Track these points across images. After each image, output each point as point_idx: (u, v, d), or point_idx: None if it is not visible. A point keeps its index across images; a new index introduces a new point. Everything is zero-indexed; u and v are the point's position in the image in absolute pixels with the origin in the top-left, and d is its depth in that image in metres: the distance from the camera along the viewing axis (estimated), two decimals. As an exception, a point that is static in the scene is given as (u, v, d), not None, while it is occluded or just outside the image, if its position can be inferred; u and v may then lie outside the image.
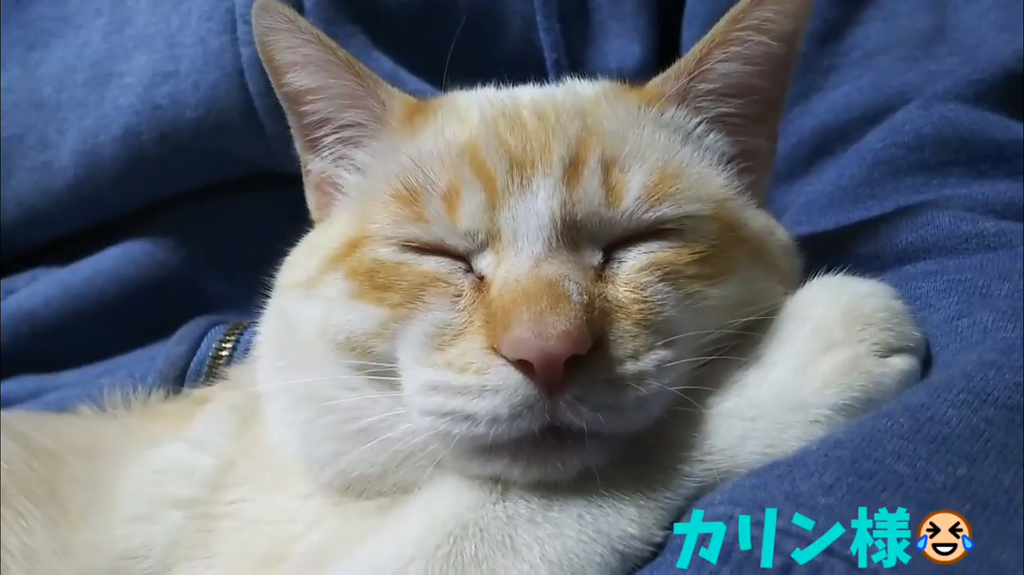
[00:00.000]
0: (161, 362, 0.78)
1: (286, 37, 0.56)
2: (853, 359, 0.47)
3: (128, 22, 0.87)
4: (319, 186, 0.61)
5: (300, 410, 0.53)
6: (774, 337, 0.49)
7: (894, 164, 0.69)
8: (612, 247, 0.49)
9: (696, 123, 0.55)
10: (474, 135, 0.51)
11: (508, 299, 0.44)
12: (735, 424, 0.46)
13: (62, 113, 0.88)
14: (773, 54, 0.55)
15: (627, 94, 0.56)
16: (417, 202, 0.50)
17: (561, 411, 0.43)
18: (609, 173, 0.49)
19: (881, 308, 0.49)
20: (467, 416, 0.44)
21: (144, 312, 0.88)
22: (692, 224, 0.49)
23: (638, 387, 0.44)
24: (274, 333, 0.58)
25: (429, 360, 0.46)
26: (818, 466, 0.40)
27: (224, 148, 0.84)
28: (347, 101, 0.57)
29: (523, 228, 0.47)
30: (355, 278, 0.50)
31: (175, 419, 0.66)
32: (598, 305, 0.45)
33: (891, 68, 0.78)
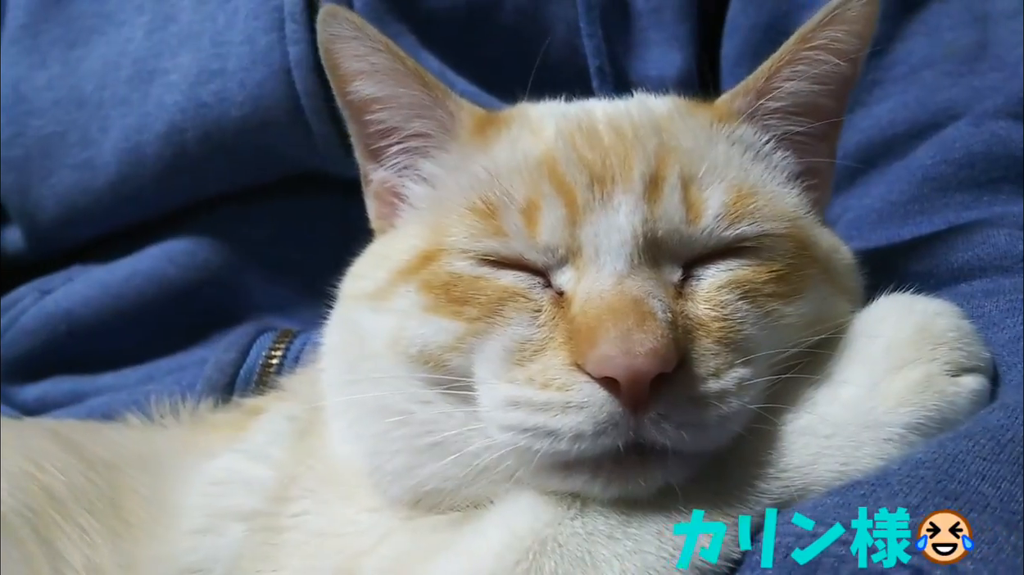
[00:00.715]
0: (210, 369, 0.78)
1: (354, 45, 0.56)
2: (926, 378, 0.47)
3: (172, 20, 0.87)
4: (380, 196, 0.61)
5: (371, 423, 0.53)
6: (844, 355, 0.50)
7: (944, 180, 0.69)
8: (690, 264, 0.49)
9: (765, 141, 0.55)
10: (551, 149, 0.51)
11: (592, 316, 0.45)
12: (810, 442, 0.46)
13: (104, 110, 0.87)
14: (839, 74, 0.56)
15: (698, 110, 0.56)
16: (495, 216, 0.50)
17: (645, 428, 0.43)
18: (688, 190, 0.49)
19: (951, 327, 0.49)
20: (549, 432, 0.44)
21: (183, 314, 0.88)
22: (769, 242, 0.49)
23: (720, 405, 0.44)
24: (341, 344, 0.57)
25: (509, 376, 0.46)
26: (902, 486, 0.41)
27: (268, 147, 0.84)
28: (415, 111, 0.57)
29: (605, 244, 0.47)
30: (429, 291, 0.50)
31: (229, 430, 0.66)
32: (680, 323, 0.45)
33: (936, 83, 0.78)
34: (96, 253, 0.93)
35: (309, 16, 0.79)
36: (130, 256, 0.90)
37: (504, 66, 0.77)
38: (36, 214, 0.92)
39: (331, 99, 0.78)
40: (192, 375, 0.80)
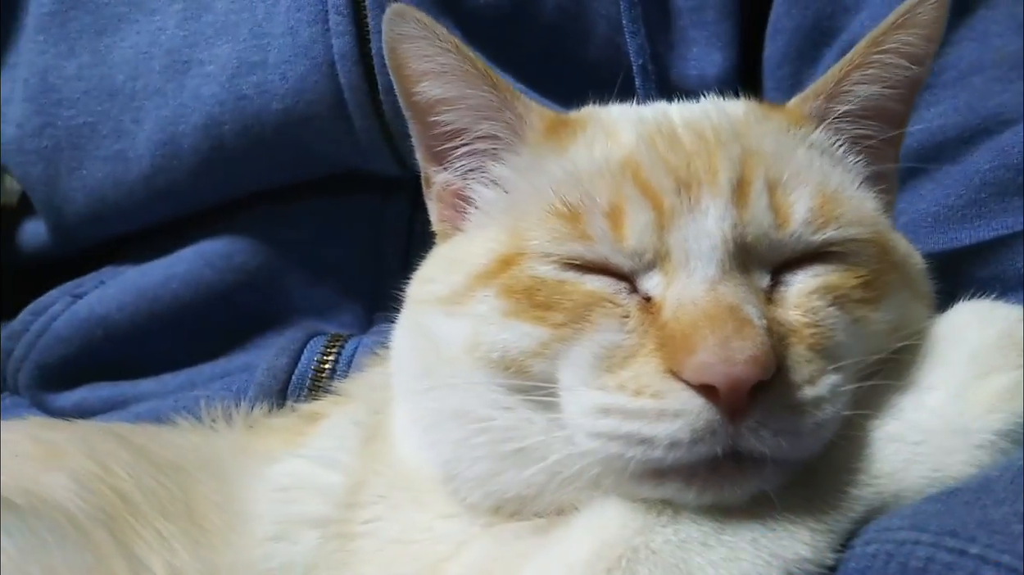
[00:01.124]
0: (262, 375, 0.77)
1: (422, 45, 0.55)
2: (1014, 385, 0.47)
3: (207, 9, 0.85)
4: (444, 199, 0.60)
5: (448, 429, 0.53)
6: (927, 361, 0.50)
7: (1002, 185, 0.69)
8: (778, 270, 0.49)
9: (839, 144, 0.55)
10: (633, 152, 0.51)
11: (687, 322, 0.44)
12: (900, 448, 0.46)
13: (138, 101, 0.86)
14: (909, 78, 0.56)
15: (772, 114, 0.56)
16: (579, 219, 0.49)
17: (743, 436, 0.43)
18: (775, 195, 0.49)
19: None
20: (643, 440, 0.44)
21: (221, 317, 0.87)
22: (855, 247, 0.49)
23: (816, 412, 0.44)
24: (412, 349, 0.57)
25: (598, 382, 0.46)
26: (1007, 493, 0.41)
27: (309, 143, 0.82)
28: (483, 113, 0.56)
29: (695, 249, 0.47)
30: (510, 296, 0.50)
31: (287, 435, 0.65)
32: (774, 329, 0.45)
33: (986, 89, 0.78)
34: (128, 254, 0.91)
35: (353, 8, 0.78)
36: (164, 258, 0.88)
37: (546, 63, 0.76)
38: (64, 207, 0.90)
39: (375, 93, 0.79)
40: (239, 380, 0.79)
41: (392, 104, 0.75)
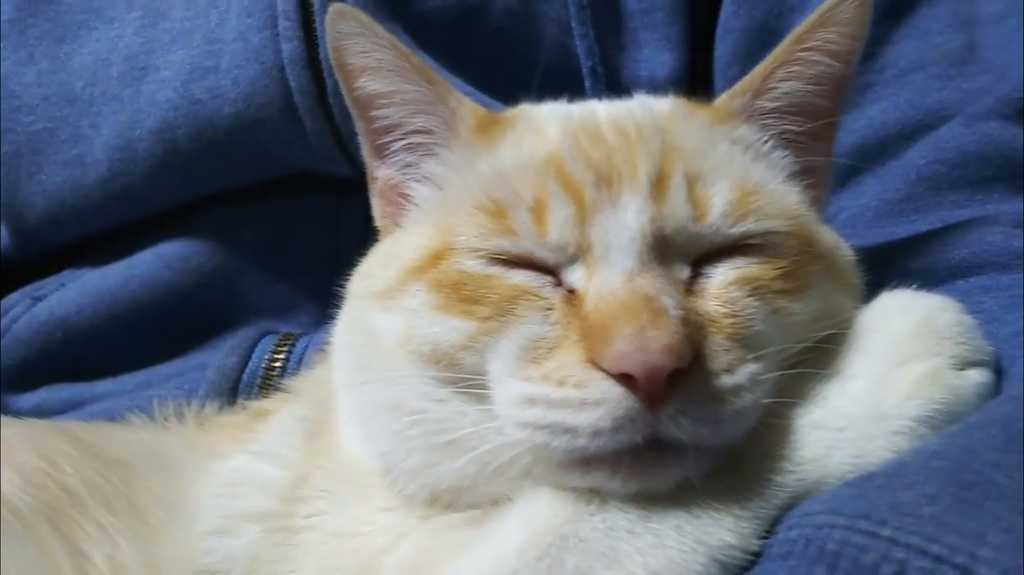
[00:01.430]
0: (213, 373, 0.78)
1: (361, 42, 0.57)
2: (932, 372, 0.48)
3: (163, 16, 0.87)
4: (385, 194, 0.61)
5: (385, 422, 0.53)
6: (850, 350, 0.51)
7: (938, 180, 0.71)
8: (698, 262, 0.50)
9: (764, 140, 0.57)
10: (557, 148, 0.52)
11: (606, 313, 0.45)
12: (822, 435, 0.47)
13: (96, 107, 0.87)
14: (834, 74, 0.57)
15: (698, 111, 0.57)
16: (504, 215, 0.50)
17: (663, 424, 0.44)
18: (694, 188, 0.50)
19: (954, 322, 0.50)
20: (567, 429, 0.45)
21: (180, 318, 0.88)
22: (774, 239, 0.51)
23: (735, 400, 0.45)
24: (351, 344, 0.58)
25: (524, 373, 0.47)
26: (918, 477, 0.42)
27: (261, 146, 0.84)
28: (418, 107, 0.58)
29: (615, 242, 0.48)
30: (439, 290, 0.51)
31: (236, 431, 0.66)
32: (692, 319, 0.46)
33: (926, 86, 0.80)
34: (88, 257, 0.92)
35: (302, 13, 0.79)
36: (123, 260, 0.89)
37: (496, 66, 0.78)
38: (24, 211, 0.91)
39: (324, 96, 0.81)
40: (193, 380, 0.80)
41: (341, 107, 0.77)
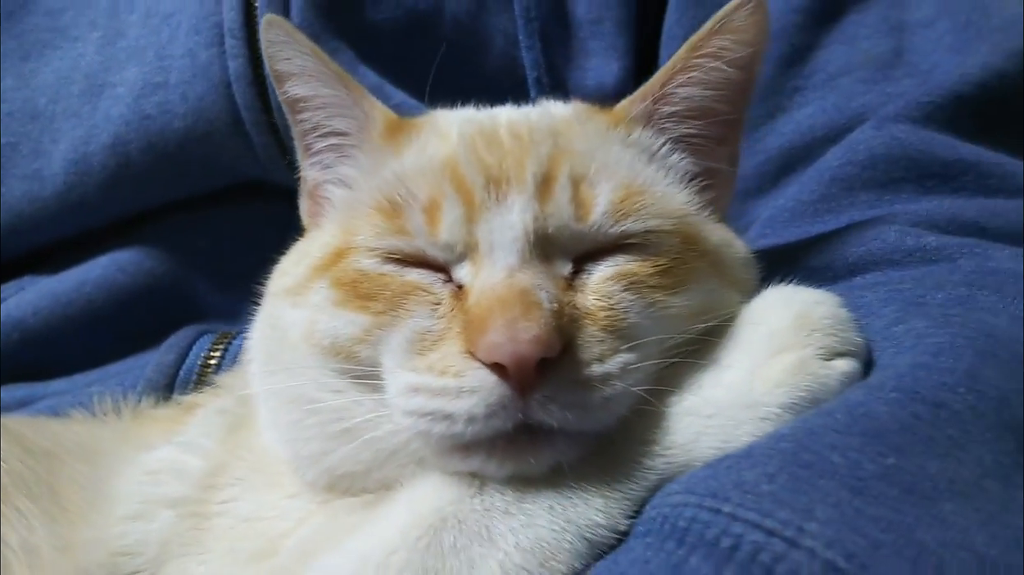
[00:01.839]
0: (151, 370, 0.81)
1: (286, 50, 0.61)
2: (800, 362, 0.50)
3: (121, 35, 0.91)
4: (312, 195, 0.65)
5: (287, 412, 0.56)
6: (730, 342, 0.53)
7: (849, 181, 0.73)
8: (581, 259, 0.52)
9: (660, 143, 0.59)
10: (454, 152, 0.55)
11: (484, 307, 0.48)
12: (693, 421, 0.50)
13: (56, 123, 0.91)
14: (731, 80, 0.60)
15: (597, 115, 0.60)
16: (399, 215, 0.53)
17: (533, 410, 0.47)
18: (578, 189, 0.53)
19: (827, 315, 0.52)
20: (446, 416, 0.48)
21: (134, 320, 0.91)
22: (655, 238, 0.53)
23: (604, 387, 0.48)
24: (263, 338, 0.61)
25: (411, 364, 0.50)
26: (763, 457, 0.44)
27: (211, 158, 0.88)
28: (336, 110, 0.62)
29: (499, 240, 0.51)
30: (339, 287, 0.54)
31: (167, 424, 0.69)
32: (567, 312, 0.49)
33: (852, 90, 0.83)
34: (46, 264, 0.96)
35: (247, 32, 0.83)
36: (80, 265, 0.93)
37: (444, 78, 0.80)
38: None
39: (269, 111, 0.84)
40: (135, 377, 0.83)
41: (284, 121, 0.80)
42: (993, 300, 0.53)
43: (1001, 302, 0.53)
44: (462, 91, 0.67)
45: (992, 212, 0.66)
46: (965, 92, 0.74)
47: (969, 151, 0.72)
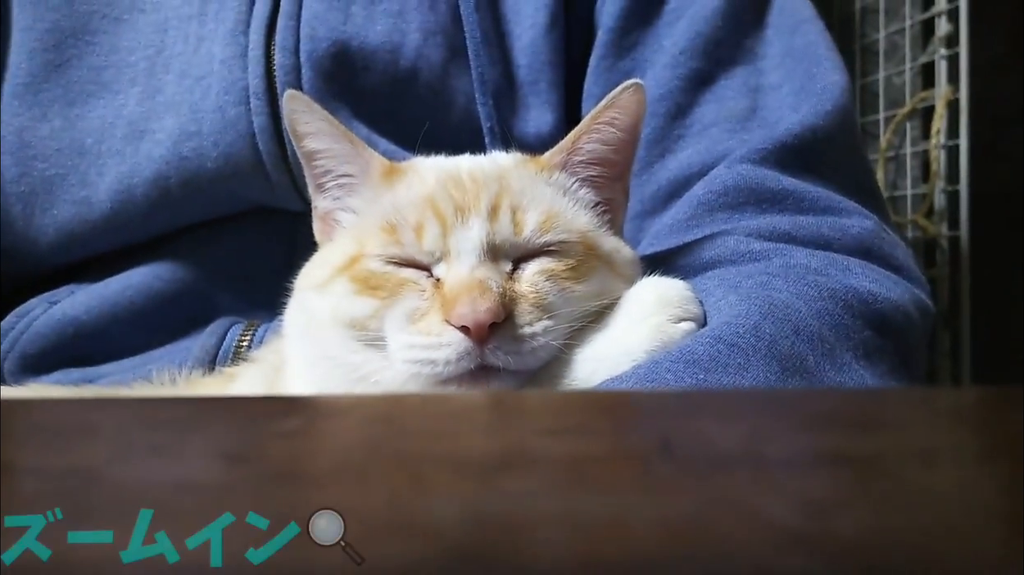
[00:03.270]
0: (197, 350, 1.02)
1: (306, 116, 0.78)
2: (658, 324, 0.70)
3: (159, 91, 1.08)
4: (323, 219, 0.87)
5: (319, 366, 0.79)
6: (616, 313, 0.73)
7: (709, 205, 0.91)
8: (518, 261, 0.71)
9: (572, 182, 0.78)
10: (432, 189, 0.74)
11: (454, 291, 0.72)
12: (590, 364, 0.69)
13: (102, 160, 1.06)
14: (620, 139, 0.78)
15: (529, 163, 0.79)
16: (396, 232, 0.72)
17: (487, 356, 0.66)
18: (515, 214, 0.72)
19: (677, 295, 0.72)
20: (431, 361, 0.71)
21: (167, 318, 1.10)
22: (567, 246, 0.73)
23: (532, 342, 0.68)
24: (298, 319, 0.84)
25: (407, 329, 0.72)
26: (627, 379, 0.69)
27: (236, 190, 1.02)
28: (344, 159, 0.79)
29: (463, 248, 0.70)
30: (356, 281, 0.78)
31: (217, 384, 0.93)
32: (508, 294, 0.68)
33: (718, 137, 0.99)
34: (91, 273, 1.14)
35: (268, 94, 1.02)
36: (122, 273, 1.11)
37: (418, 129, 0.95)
38: (39, 239, 1.12)
39: (286, 157, 1.03)
40: (181, 358, 1.02)
41: (298, 164, 0.93)
42: (783, 284, 0.81)
43: (787, 284, 0.80)
44: (434, 139, 0.88)
45: (800, 225, 0.87)
46: (788, 141, 0.93)
47: (790, 183, 0.90)
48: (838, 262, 0.86)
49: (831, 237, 0.91)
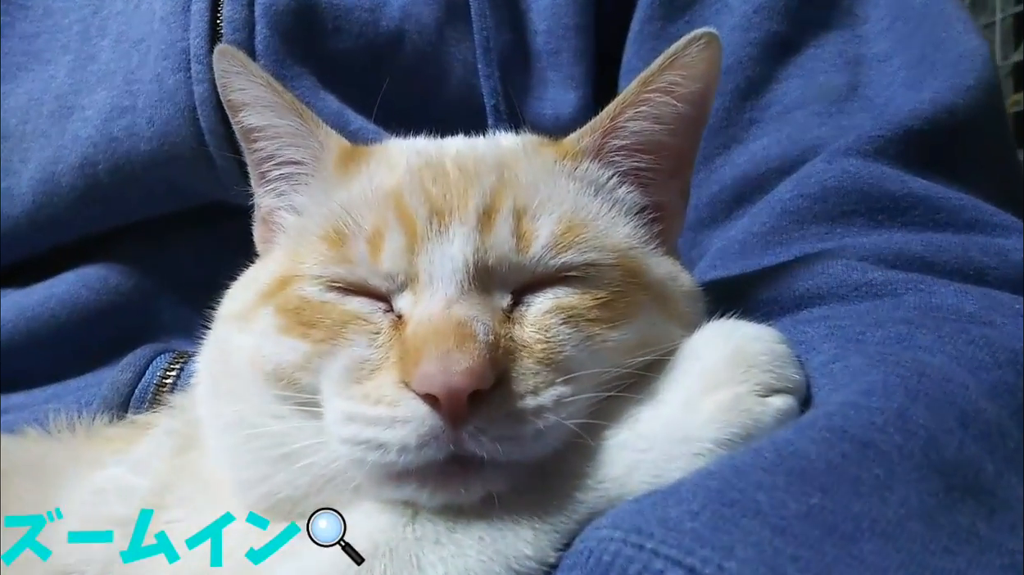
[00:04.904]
0: (106, 389, 0.81)
1: (239, 80, 0.61)
2: (735, 398, 0.51)
3: (93, 59, 0.92)
4: (265, 221, 0.66)
5: (231, 435, 0.57)
6: (668, 376, 0.54)
7: (800, 214, 0.73)
8: (521, 291, 0.53)
9: (608, 176, 0.60)
10: (400, 182, 0.56)
11: (420, 337, 0.49)
12: (627, 455, 0.50)
13: (26, 143, 0.92)
14: (681, 115, 0.60)
15: (545, 148, 0.60)
16: (343, 244, 0.54)
17: (464, 441, 0.47)
18: (520, 221, 0.53)
19: (764, 351, 0.53)
20: (380, 445, 0.48)
21: (96, 336, 0.91)
22: (595, 271, 0.54)
23: (537, 420, 0.48)
24: (211, 362, 0.62)
25: (348, 392, 0.51)
26: (688, 494, 0.45)
27: (176, 179, 0.89)
28: (290, 140, 0.62)
29: (439, 271, 0.51)
30: (283, 314, 0.54)
31: (119, 443, 0.69)
32: (503, 344, 0.50)
33: (806, 123, 0.83)
34: (14, 279, 0.97)
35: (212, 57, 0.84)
36: (46, 281, 0.94)
37: (403, 105, 0.81)
38: None
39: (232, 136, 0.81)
40: (93, 394, 0.83)
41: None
42: (931, 339, 0.54)
43: (939, 341, 0.54)
44: (422, 118, 0.67)
45: (939, 247, 0.67)
46: (915, 127, 0.75)
47: (919, 185, 0.72)
48: (1003, 304, 0.59)
49: (984, 265, 0.66)
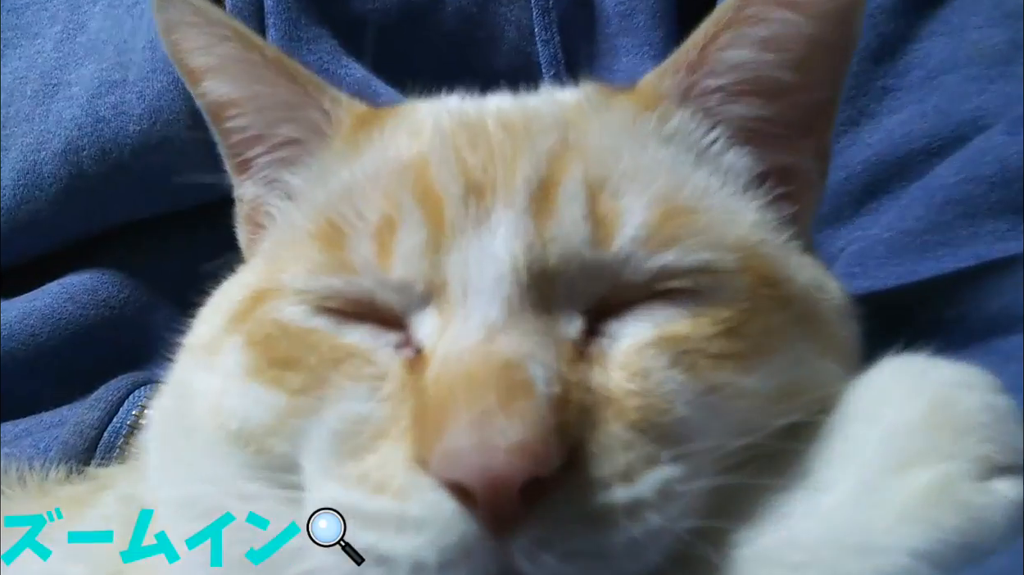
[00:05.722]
0: (68, 432, 0.69)
1: (195, 34, 0.47)
2: (944, 483, 0.33)
3: (82, 28, 0.84)
4: (251, 218, 0.51)
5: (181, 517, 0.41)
6: (828, 446, 0.37)
7: (972, 204, 0.58)
8: (599, 311, 0.37)
9: (708, 132, 0.44)
10: (425, 151, 0.40)
11: (446, 387, 0.32)
12: (774, 573, 0.33)
13: (8, 129, 0.84)
14: (810, 37, 0.44)
15: (618, 99, 0.45)
16: (341, 244, 0.38)
17: (516, 560, 0.30)
18: (596, 201, 0.37)
19: (981, 407, 0.35)
20: (380, 558, 0.32)
21: (83, 358, 0.81)
22: (711, 281, 0.37)
23: (630, 524, 0.32)
24: (167, 410, 0.46)
25: (338, 471, 0.35)
26: None
27: (169, 168, 0.77)
28: (280, 113, 0.48)
29: (476, 280, 0.36)
30: (254, 347, 0.39)
31: (71, 506, 0.54)
32: (575, 399, 0.33)
33: (960, 90, 0.68)
34: None
35: None
36: (28, 293, 0.84)
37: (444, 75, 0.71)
38: None
39: None
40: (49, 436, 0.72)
41: None
42: None
43: None
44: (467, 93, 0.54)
45: None
46: None
47: None
48: None
49: None
